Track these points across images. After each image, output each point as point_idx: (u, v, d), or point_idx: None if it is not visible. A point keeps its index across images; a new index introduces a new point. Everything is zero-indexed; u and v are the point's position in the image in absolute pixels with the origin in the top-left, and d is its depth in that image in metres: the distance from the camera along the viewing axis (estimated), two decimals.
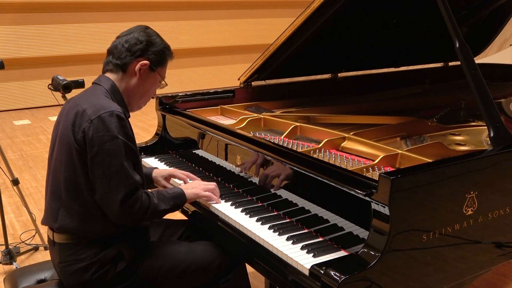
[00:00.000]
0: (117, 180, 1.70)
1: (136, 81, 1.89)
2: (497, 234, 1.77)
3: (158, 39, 1.92)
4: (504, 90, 3.09)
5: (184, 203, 1.94)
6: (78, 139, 1.72)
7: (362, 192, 1.52)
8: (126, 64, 1.87)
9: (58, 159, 1.81)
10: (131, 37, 1.88)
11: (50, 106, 7.86)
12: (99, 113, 1.72)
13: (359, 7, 2.50)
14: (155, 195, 1.83)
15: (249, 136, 2.11)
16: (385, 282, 1.45)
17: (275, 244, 1.65)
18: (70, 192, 1.78)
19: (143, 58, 1.87)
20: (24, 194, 3.40)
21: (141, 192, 1.77)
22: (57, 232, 1.83)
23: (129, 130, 1.78)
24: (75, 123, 1.75)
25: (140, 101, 1.96)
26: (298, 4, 5.84)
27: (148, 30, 1.93)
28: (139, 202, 1.74)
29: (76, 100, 1.85)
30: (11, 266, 3.10)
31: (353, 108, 2.79)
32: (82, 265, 1.79)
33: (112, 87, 1.87)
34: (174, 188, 1.98)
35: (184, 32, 8.80)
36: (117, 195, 1.70)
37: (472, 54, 1.85)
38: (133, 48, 1.86)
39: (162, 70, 1.95)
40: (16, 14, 7.66)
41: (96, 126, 1.70)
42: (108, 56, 1.92)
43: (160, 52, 1.91)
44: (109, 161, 1.69)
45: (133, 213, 1.74)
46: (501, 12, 3.16)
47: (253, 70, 2.77)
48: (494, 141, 1.76)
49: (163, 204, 1.84)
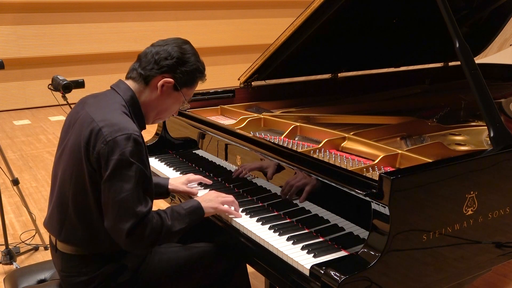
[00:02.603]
0: (126, 208, 1.59)
1: (157, 96, 1.77)
2: (497, 234, 1.77)
3: (193, 59, 1.78)
4: (504, 90, 3.09)
5: (201, 218, 1.82)
6: (92, 160, 1.63)
7: (362, 192, 1.52)
8: (149, 77, 1.75)
9: (68, 172, 1.72)
10: (164, 50, 1.75)
11: (50, 106, 7.86)
12: (116, 135, 1.60)
13: (359, 7, 2.50)
14: (168, 214, 1.72)
15: (249, 136, 2.11)
16: (385, 282, 1.46)
17: (276, 244, 1.65)
18: (78, 210, 1.71)
19: (169, 76, 1.75)
20: (24, 194, 3.40)
21: (151, 217, 1.65)
22: (61, 242, 1.78)
23: (144, 155, 1.66)
24: (89, 142, 1.63)
25: (157, 116, 1.85)
26: (298, 4, 5.83)
27: (185, 46, 1.79)
28: (148, 228, 1.62)
29: (91, 111, 1.71)
30: (11, 266, 3.10)
31: (353, 108, 2.79)
32: (84, 279, 1.75)
33: (131, 98, 1.76)
34: (191, 200, 1.85)
35: (184, 32, 8.80)
36: (124, 224, 1.59)
37: (472, 54, 1.85)
38: (162, 63, 1.74)
39: (188, 91, 1.83)
40: (16, 14, 7.67)
41: (111, 149, 1.59)
42: (136, 61, 1.80)
43: (190, 73, 1.78)
44: (121, 186, 1.59)
45: (143, 240, 1.64)
46: (501, 12, 3.16)
47: (253, 70, 2.77)
48: (494, 141, 1.76)
49: (177, 224, 1.72)
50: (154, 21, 8.62)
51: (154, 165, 2.44)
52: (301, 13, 2.41)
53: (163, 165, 2.46)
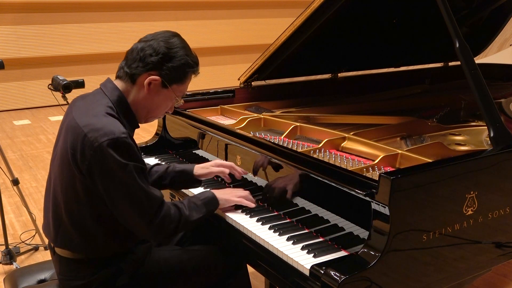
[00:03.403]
0: (139, 205, 1.61)
1: (145, 95, 1.71)
2: (497, 234, 1.77)
3: (181, 52, 1.70)
4: (504, 90, 3.10)
5: (216, 209, 1.85)
6: (82, 168, 1.59)
7: (362, 192, 1.52)
8: (135, 75, 1.69)
9: (59, 178, 1.70)
10: (149, 46, 1.68)
11: (50, 106, 7.86)
12: (102, 140, 1.55)
13: (359, 7, 2.50)
14: (185, 205, 1.74)
15: (249, 136, 2.11)
16: (385, 282, 1.46)
17: (276, 244, 1.65)
18: (71, 216, 1.69)
19: (155, 73, 1.68)
20: (24, 194, 3.40)
21: (167, 207, 1.67)
22: (57, 247, 1.77)
23: (136, 153, 1.63)
24: (75, 148, 1.60)
25: (148, 115, 1.79)
26: (298, 4, 5.83)
27: (172, 40, 1.71)
28: (167, 219, 1.65)
29: (77, 115, 1.67)
30: (11, 266, 3.10)
31: (353, 108, 2.79)
32: (82, 283, 1.74)
33: (118, 98, 1.70)
34: (205, 192, 1.87)
35: (184, 32, 8.64)
36: (143, 219, 1.62)
37: (472, 54, 1.85)
38: (147, 59, 1.67)
39: (179, 87, 1.75)
40: (16, 14, 7.66)
41: (102, 157, 1.56)
42: (124, 59, 1.74)
43: (178, 68, 1.70)
44: (126, 189, 1.59)
45: (164, 230, 1.66)
46: (501, 12, 3.16)
47: (253, 70, 2.77)
48: (494, 141, 1.76)
49: (195, 213, 1.75)
50: (154, 21, 8.61)
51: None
52: (301, 13, 2.41)
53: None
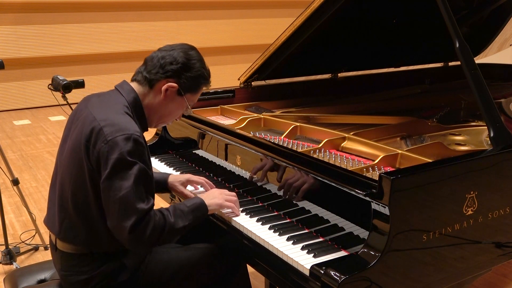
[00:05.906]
0: (127, 205, 1.59)
1: (161, 100, 1.80)
2: (497, 234, 1.77)
3: (198, 65, 1.81)
4: (504, 90, 3.10)
5: (205, 215, 1.82)
6: (92, 159, 1.64)
7: (362, 192, 1.52)
8: (154, 80, 1.78)
9: (68, 170, 1.73)
10: (169, 55, 1.78)
11: (50, 106, 7.86)
12: (116, 135, 1.61)
13: (359, 7, 2.50)
14: (171, 212, 1.72)
15: (249, 136, 2.11)
16: (385, 282, 1.46)
17: (276, 244, 1.65)
18: (77, 208, 1.71)
19: (174, 80, 1.78)
20: (24, 194, 3.40)
21: (153, 214, 1.65)
22: (60, 240, 1.79)
23: (145, 155, 1.67)
24: (89, 140, 1.65)
25: (160, 120, 1.87)
26: (298, 4, 5.84)
27: (191, 52, 1.81)
28: (151, 225, 1.62)
29: (94, 110, 1.73)
30: (11, 266, 3.10)
31: (353, 108, 2.79)
32: (84, 278, 1.75)
33: (134, 100, 1.77)
34: (193, 198, 1.86)
35: (184, 32, 8.80)
36: (126, 221, 1.59)
37: (472, 54, 1.85)
38: (167, 67, 1.76)
39: (191, 97, 1.85)
40: (16, 14, 7.67)
41: (111, 148, 1.60)
42: (142, 65, 1.83)
43: (194, 78, 1.80)
44: (121, 184, 1.59)
45: (146, 238, 1.62)
46: (501, 12, 3.17)
47: (253, 70, 2.77)
48: (494, 141, 1.76)
49: (180, 221, 1.72)
50: (154, 21, 8.62)
51: (154, 165, 2.44)
52: (301, 13, 2.41)
53: (163, 165, 2.46)
